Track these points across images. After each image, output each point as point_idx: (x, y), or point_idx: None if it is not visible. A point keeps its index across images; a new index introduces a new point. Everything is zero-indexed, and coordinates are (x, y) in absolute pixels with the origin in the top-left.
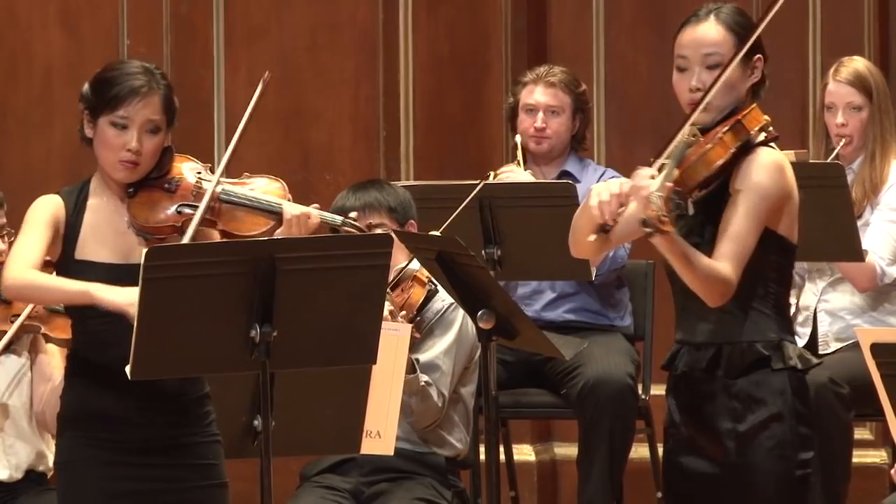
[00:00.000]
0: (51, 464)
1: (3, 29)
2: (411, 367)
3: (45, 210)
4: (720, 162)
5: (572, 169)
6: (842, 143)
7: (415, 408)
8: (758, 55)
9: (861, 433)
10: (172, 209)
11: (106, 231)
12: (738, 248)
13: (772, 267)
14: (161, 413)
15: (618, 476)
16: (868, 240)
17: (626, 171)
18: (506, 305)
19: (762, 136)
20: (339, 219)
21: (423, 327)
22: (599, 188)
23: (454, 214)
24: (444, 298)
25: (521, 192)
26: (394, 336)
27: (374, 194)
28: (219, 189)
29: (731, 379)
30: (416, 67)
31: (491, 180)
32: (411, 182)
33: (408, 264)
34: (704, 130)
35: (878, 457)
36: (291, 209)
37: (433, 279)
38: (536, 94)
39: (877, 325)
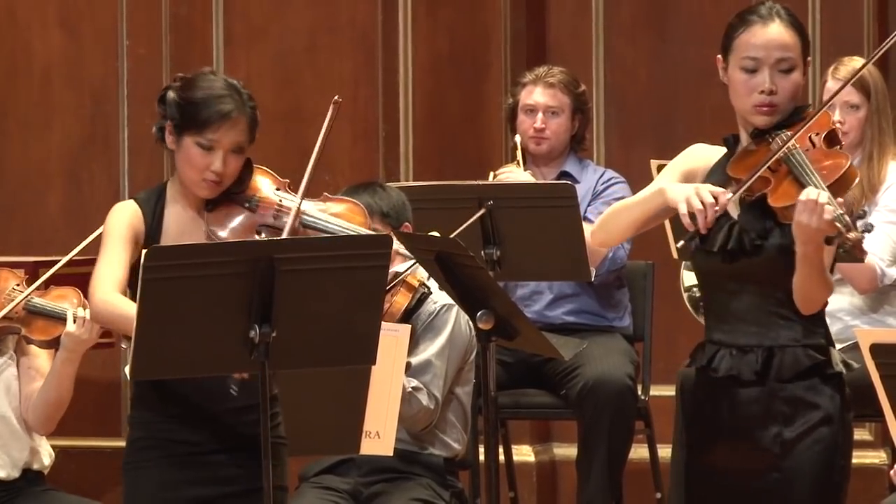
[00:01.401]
0: (45, 462)
1: (3, 29)
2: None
3: (123, 221)
4: (857, 180)
5: (572, 169)
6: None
7: (403, 414)
8: (808, 57)
9: (860, 434)
10: (252, 227)
11: (188, 240)
12: (829, 259)
13: None
14: (237, 413)
15: (617, 477)
16: (867, 241)
17: (626, 173)
18: (505, 306)
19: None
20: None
21: (416, 331)
22: (689, 193)
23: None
24: (436, 300)
25: (520, 193)
26: (393, 337)
27: (365, 199)
28: (302, 212)
29: (782, 383)
30: (415, 68)
31: (490, 180)
32: (410, 183)
33: (408, 268)
34: (761, 133)
35: (877, 457)
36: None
37: (425, 282)
38: (536, 95)
39: (875, 325)
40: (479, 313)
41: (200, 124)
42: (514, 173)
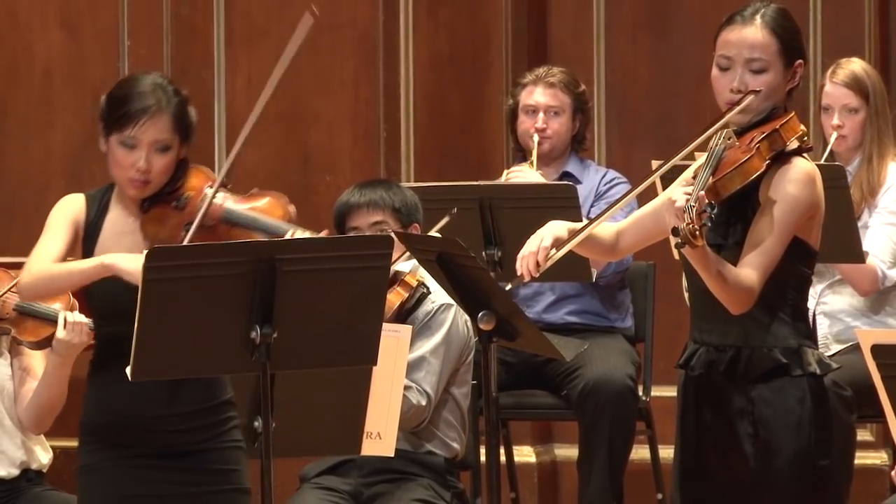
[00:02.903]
0: (43, 461)
1: (4, 30)
2: None
3: (66, 211)
4: (757, 174)
5: (573, 170)
6: (834, 137)
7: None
8: (799, 60)
9: (862, 434)
10: (180, 226)
11: (124, 242)
12: (766, 259)
13: (794, 274)
14: (182, 419)
15: (618, 477)
16: (868, 243)
17: (627, 173)
18: (506, 307)
19: (795, 145)
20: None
21: (413, 329)
22: (528, 241)
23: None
24: (434, 300)
25: (521, 194)
26: (394, 337)
27: (380, 192)
28: (222, 208)
29: (751, 382)
30: (416, 68)
31: (503, 180)
32: (412, 183)
33: (409, 266)
34: (739, 132)
35: (878, 458)
36: (288, 233)
37: (424, 281)
38: (536, 95)
39: (875, 326)
40: (480, 314)
41: (121, 122)
42: (524, 173)
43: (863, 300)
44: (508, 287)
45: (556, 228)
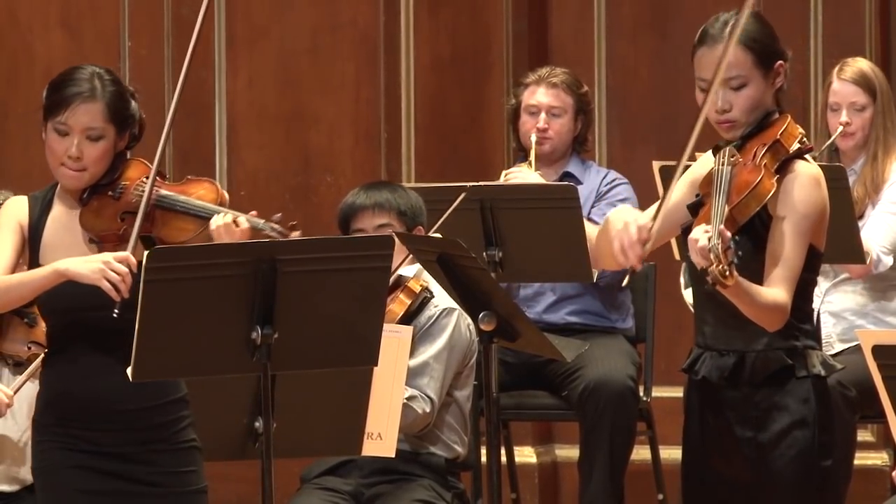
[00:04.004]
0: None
1: (5, 30)
2: None
3: (8, 215)
4: (771, 193)
5: (574, 170)
6: (839, 130)
7: (399, 424)
8: (779, 61)
9: (863, 435)
10: (117, 215)
11: (66, 237)
12: (790, 272)
13: (801, 278)
14: (133, 416)
15: (619, 478)
16: (868, 229)
17: (628, 173)
18: (507, 307)
19: (797, 148)
20: (260, 222)
21: (416, 335)
22: (618, 234)
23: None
24: (437, 304)
25: (522, 194)
26: (395, 338)
27: (385, 195)
28: (157, 193)
29: (755, 387)
30: (417, 69)
31: (501, 181)
32: (413, 184)
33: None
34: (739, 145)
35: (879, 459)
36: (218, 215)
37: (428, 286)
38: (538, 96)
39: (880, 325)
40: (481, 315)
41: (54, 107)
42: (523, 173)
43: (867, 297)
44: (624, 284)
45: (630, 212)
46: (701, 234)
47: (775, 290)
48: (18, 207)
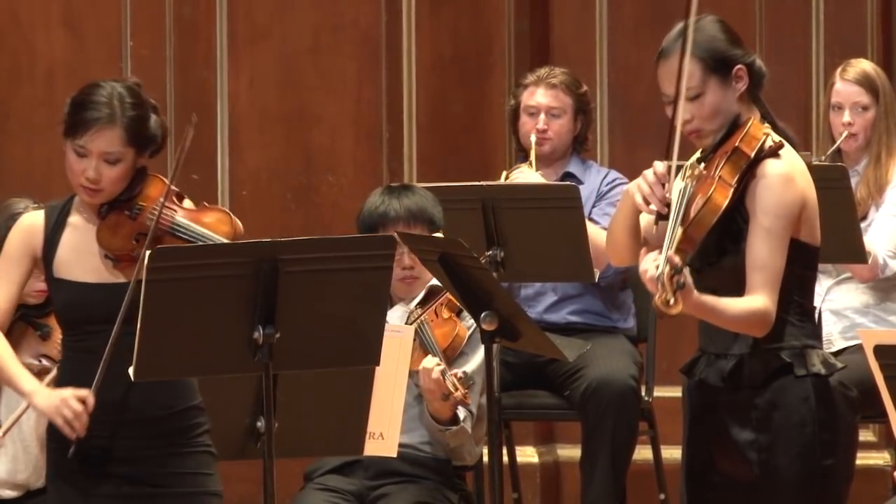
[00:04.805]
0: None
1: (6, 30)
2: (454, 419)
3: (16, 239)
4: (726, 203)
5: (575, 170)
6: (844, 136)
7: (452, 446)
8: (737, 66)
9: (864, 435)
10: (131, 236)
11: (83, 250)
12: (769, 274)
13: (794, 276)
14: (147, 423)
15: (621, 478)
16: (873, 233)
17: (630, 174)
18: (509, 307)
19: (768, 146)
20: None
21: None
22: (632, 186)
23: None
24: None
25: (523, 194)
26: (396, 338)
27: (417, 203)
28: (172, 220)
29: (755, 388)
30: (418, 69)
31: (502, 181)
32: (414, 184)
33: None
34: (705, 157)
35: (881, 459)
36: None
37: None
38: (538, 96)
39: (882, 323)
40: (482, 315)
41: (73, 129)
42: (524, 174)
43: (869, 295)
44: (654, 231)
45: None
46: (650, 264)
47: (752, 298)
48: (32, 228)
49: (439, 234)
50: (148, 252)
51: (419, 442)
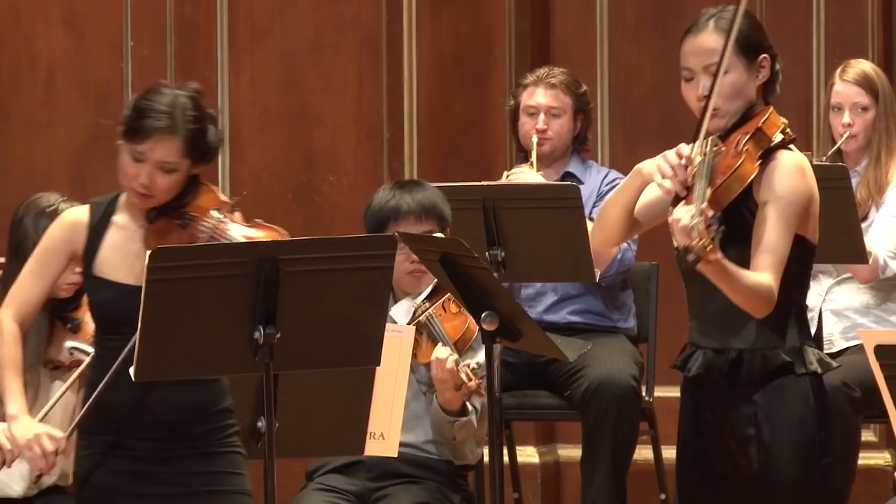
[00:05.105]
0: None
1: (7, 30)
2: (463, 410)
3: (58, 234)
4: (752, 176)
5: (575, 170)
6: (845, 137)
7: (459, 439)
8: (763, 55)
9: (865, 435)
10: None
11: (126, 251)
12: (776, 257)
13: (794, 274)
14: (179, 426)
15: (621, 478)
16: (873, 233)
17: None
18: (509, 307)
19: (780, 139)
20: None
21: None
22: (650, 164)
23: None
24: None
25: (524, 194)
26: (397, 338)
27: (429, 198)
28: (225, 235)
29: (754, 385)
30: (419, 69)
31: (503, 181)
32: (423, 181)
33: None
34: (722, 136)
35: (881, 459)
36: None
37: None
38: (537, 96)
39: (882, 323)
40: (483, 314)
41: (132, 134)
42: (525, 174)
43: (870, 296)
44: (669, 215)
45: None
46: (683, 214)
47: (761, 274)
48: (76, 224)
49: (441, 234)
50: (148, 252)
51: (422, 441)
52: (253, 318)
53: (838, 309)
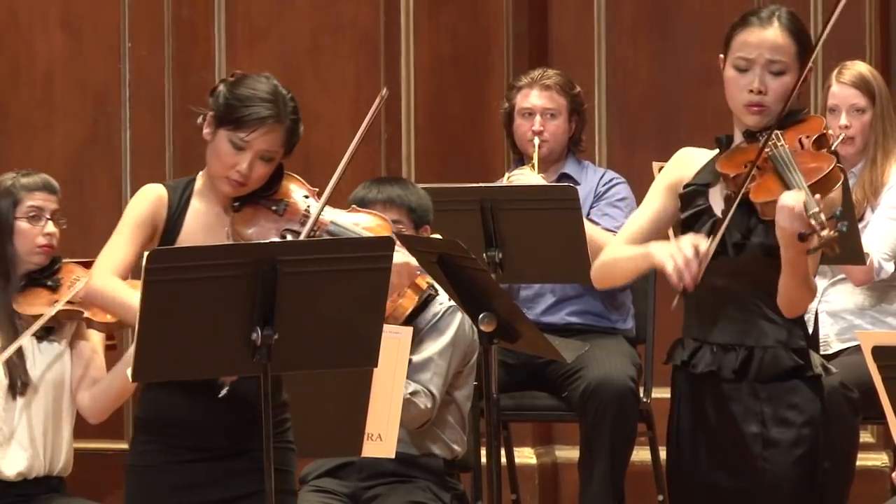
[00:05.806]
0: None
1: (5, 31)
2: None
3: (145, 206)
4: (840, 182)
5: (571, 171)
6: (840, 138)
7: (402, 419)
8: (809, 67)
9: (863, 436)
10: (276, 231)
11: (205, 238)
12: (815, 262)
13: None
14: (236, 419)
15: (619, 479)
16: (868, 235)
17: (628, 174)
18: (507, 308)
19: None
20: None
21: (421, 331)
22: (664, 254)
23: None
24: (441, 301)
25: (522, 196)
26: (395, 339)
27: (397, 191)
28: (328, 219)
29: (762, 383)
30: (417, 70)
31: (504, 182)
32: (406, 179)
33: None
34: (753, 133)
35: (879, 460)
36: (395, 255)
37: (433, 283)
38: (532, 98)
39: (878, 325)
40: (481, 315)
41: (237, 122)
42: (525, 176)
43: (865, 297)
44: (674, 305)
45: (686, 237)
46: (797, 201)
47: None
48: (155, 198)
49: (438, 236)
50: (146, 252)
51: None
52: (251, 319)
53: (834, 310)
